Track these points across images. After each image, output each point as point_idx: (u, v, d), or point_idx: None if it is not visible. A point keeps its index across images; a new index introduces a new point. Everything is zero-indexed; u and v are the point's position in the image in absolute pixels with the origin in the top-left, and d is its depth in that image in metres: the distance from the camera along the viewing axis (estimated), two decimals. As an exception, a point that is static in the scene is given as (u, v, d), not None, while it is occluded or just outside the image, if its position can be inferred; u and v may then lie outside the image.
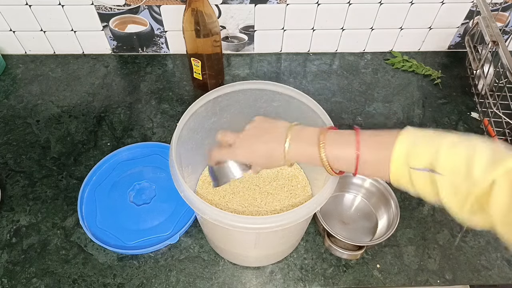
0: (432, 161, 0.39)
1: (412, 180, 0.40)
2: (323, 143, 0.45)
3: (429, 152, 0.39)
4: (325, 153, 0.45)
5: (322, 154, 0.45)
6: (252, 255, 0.62)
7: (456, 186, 0.37)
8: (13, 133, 0.82)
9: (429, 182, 0.39)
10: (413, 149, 0.40)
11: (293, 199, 0.67)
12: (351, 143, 0.44)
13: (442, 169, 0.38)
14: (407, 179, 0.41)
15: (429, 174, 0.39)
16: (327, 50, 1.00)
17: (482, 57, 0.81)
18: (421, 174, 0.39)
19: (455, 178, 0.37)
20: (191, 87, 0.91)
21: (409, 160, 0.40)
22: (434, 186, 0.39)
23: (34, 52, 0.97)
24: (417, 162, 0.40)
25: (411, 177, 0.40)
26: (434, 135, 0.40)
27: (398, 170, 0.41)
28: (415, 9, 0.90)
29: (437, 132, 0.41)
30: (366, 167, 0.44)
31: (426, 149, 0.40)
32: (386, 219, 0.67)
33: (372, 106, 0.89)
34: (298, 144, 0.48)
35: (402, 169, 0.41)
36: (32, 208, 0.71)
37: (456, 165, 0.37)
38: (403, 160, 0.41)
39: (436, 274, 0.64)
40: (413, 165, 0.40)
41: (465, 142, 0.38)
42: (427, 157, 0.39)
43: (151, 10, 0.88)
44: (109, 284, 0.62)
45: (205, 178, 0.69)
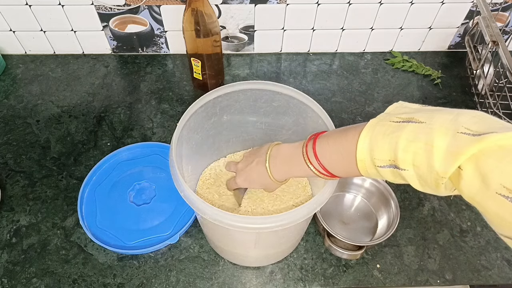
0: (393, 158, 0.39)
1: (382, 176, 0.41)
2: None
3: (388, 150, 0.39)
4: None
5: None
6: (252, 255, 0.62)
7: (423, 178, 0.37)
8: (13, 133, 0.82)
9: (398, 175, 0.39)
10: (375, 148, 0.40)
11: (293, 199, 0.67)
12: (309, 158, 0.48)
13: (403, 164, 0.38)
14: (378, 175, 0.42)
15: (394, 170, 0.39)
16: (327, 50, 1.00)
17: (482, 57, 0.81)
18: (387, 170, 0.40)
19: (419, 171, 0.37)
20: (191, 87, 0.91)
21: (373, 160, 0.41)
22: (404, 179, 0.39)
23: (34, 52, 0.97)
24: (380, 161, 0.40)
25: (380, 174, 0.41)
26: (396, 127, 0.39)
27: (366, 169, 0.42)
28: (415, 9, 0.90)
29: (401, 118, 0.40)
30: (337, 172, 0.47)
31: (385, 147, 0.39)
32: (386, 219, 0.67)
33: (372, 106, 0.89)
34: (274, 162, 0.53)
35: (369, 167, 0.42)
36: (32, 208, 0.71)
37: (416, 159, 0.37)
38: (369, 162, 0.41)
39: (436, 274, 0.64)
40: (378, 164, 0.40)
41: (425, 130, 0.37)
42: (388, 154, 0.39)
43: (151, 10, 0.88)
44: (109, 284, 0.62)
45: (205, 178, 0.69)
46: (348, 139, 0.43)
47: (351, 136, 0.43)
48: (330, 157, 0.46)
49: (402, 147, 0.37)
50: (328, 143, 0.46)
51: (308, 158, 0.48)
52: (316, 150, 0.47)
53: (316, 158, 0.47)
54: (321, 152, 0.47)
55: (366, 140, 0.41)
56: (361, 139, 0.41)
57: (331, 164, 0.46)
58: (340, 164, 0.45)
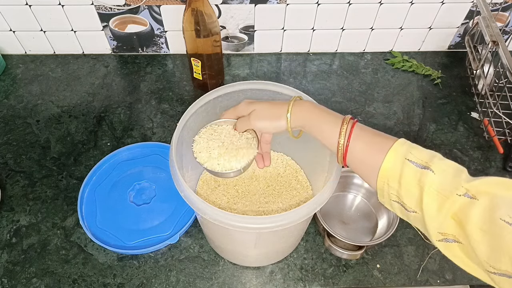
0: (428, 160, 0.40)
1: (401, 175, 0.41)
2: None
3: (426, 154, 0.41)
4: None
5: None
6: (252, 255, 0.62)
7: (442, 185, 0.39)
8: (13, 133, 0.82)
9: (417, 180, 0.40)
10: (412, 148, 0.42)
11: (293, 199, 0.67)
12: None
13: (435, 168, 0.39)
14: (397, 173, 0.41)
15: (420, 171, 0.40)
16: (327, 50, 1.00)
17: (482, 57, 0.81)
18: (414, 169, 0.40)
19: (444, 177, 0.39)
20: (191, 87, 0.91)
21: (406, 154, 0.41)
22: (420, 185, 0.40)
23: (34, 52, 0.97)
24: (414, 158, 0.41)
25: (403, 171, 0.41)
26: (426, 149, 0.43)
27: (392, 161, 0.42)
28: (415, 9, 0.90)
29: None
30: (356, 158, 0.46)
31: (424, 151, 0.42)
32: (386, 219, 0.67)
33: (372, 106, 0.89)
34: (299, 108, 0.50)
35: (397, 160, 0.42)
36: (32, 208, 0.71)
37: (447, 169, 0.40)
38: (400, 153, 0.42)
39: (436, 274, 0.64)
40: (410, 158, 0.41)
41: None
42: (424, 157, 0.41)
43: (151, 10, 0.88)
44: (109, 284, 0.62)
45: (205, 178, 0.69)
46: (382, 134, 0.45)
47: (385, 134, 0.45)
48: (358, 152, 0.45)
49: (439, 158, 0.41)
50: (363, 139, 0.45)
51: (341, 132, 0.46)
52: (352, 133, 0.46)
53: (348, 139, 0.45)
54: (354, 140, 0.45)
55: (404, 141, 0.43)
56: (399, 140, 0.43)
57: (355, 157, 0.46)
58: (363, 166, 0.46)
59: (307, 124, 0.50)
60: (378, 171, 0.43)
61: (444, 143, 0.82)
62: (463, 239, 0.37)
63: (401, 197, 0.42)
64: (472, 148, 0.81)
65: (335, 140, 0.46)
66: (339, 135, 0.46)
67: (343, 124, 0.46)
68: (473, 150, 0.81)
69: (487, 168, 0.78)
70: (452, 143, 0.82)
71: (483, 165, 0.78)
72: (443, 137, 0.83)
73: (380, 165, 0.42)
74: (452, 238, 0.38)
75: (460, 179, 0.38)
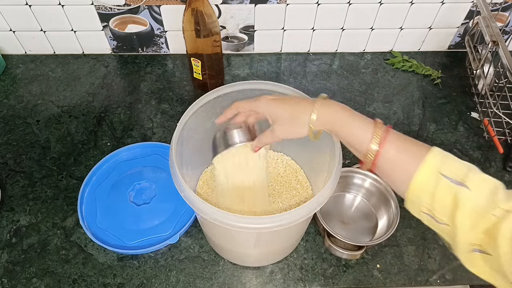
0: (463, 176, 0.39)
1: (435, 190, 0.40)
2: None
3: (461, 168, 0.40)
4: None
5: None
6: (252, 254, 0.62)
7: (477, 204, 0.38)
8: (13, 133, 0.82)
9: (452, 196, 0.39)
10: (446, 161, 0.40)
11: (293, 199, 0.67)
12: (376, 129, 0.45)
13: (471, 185, 0.38)
14: (431, 188, 0.40)
15: (456, 187, 0.39)
16: (327, 50, 1.00)
17: (482, 57, 0.81)
18: (448, 185, 0.39)
19: (480, 195, 0.38)
20: (191, 87, 0.91)
21: (441, 168, 0.40)
22: (455, 201, 0.39)
23: (34, 52, 0.97)
24: (449, 172, 0.39)
25: (437, 186, 0.40)
26: (462, 160, 0.41)
27: (426, 175, 0.40)
28: (415, 9, 0.90)
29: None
30: (386, 166, 0.44)
31: (458, 165, 0.40)
32: (386, 219, 0.67)
33: (372, 106, 0.89)
34: (327, 108, 0.47)
35: (431, 174, 0.40)
36: (32, 208, 0.71)
37: (484, 186, 0.38)
38: (435, 167, 0.40)
39: (436, 274, 0.64)
40: (445, 173, 0.39)
41: None
42: (460, 171, 0.39)
43: (151, 10, 0.88)
44: (109, 284, 0.62)
45: (205, 178, 0.69)
46: (417, 142, 0.44)
47: (419, 142, 0.44)
48: (389, 160, 0.43)
49: (476, 171, 0.40)
50: (395, 146, 0.43)
51: (373, 137, 0.44)
52: (386, 139, 0.43)
53: (380, 145, 0.43)
54: (386, 147, 0.43)
55: (439, 151, 0.42)
56: (433, 148, 0.42)
57: (386, 165, 0.44)
58: (394, 174, 0.44)
59: (334, 128, 0.47)
60: (409, 182, 0.41)
61: (444, 143, 0.82)
62: (492, 250, 0.37)
63: (433, 211, 0.40)
64: (472, 148, 0.81)
65: (366, 145, 0.44)
66: (371, 140, 0.43)
67: (375, 128, 0.44)
68: (473, 150, 0.81)
69: (487, 168, 0.78)
70: (452, 143, 0.82)
71: (483, 165, 0.78)
72: (443, 137, 0.83)
73: (412, 176, 0.41)
74: (479, 249, 0.38)
75: (497, 198, 0.37)
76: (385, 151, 0.43)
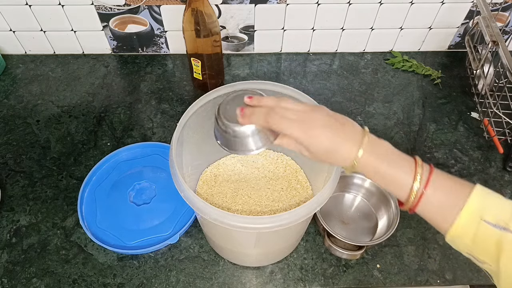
0: (508, 220, 0.38)
1: (476, 235, 0.39)
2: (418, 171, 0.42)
3: (505, 210, 0.39)
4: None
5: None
6: (252, 254, 0.62)
7: None
8: (13, 133, 0.82)
9: (495, 241, 0.38)
10: (488, 204, 0.39)
11: (293, 199, 0.67)
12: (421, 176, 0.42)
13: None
14: (471, 232, 0.39)
15: (500, 232, 0.38)
16: (327, 50, 1.00)
17: (482, 57, 0.81)
18: (490, 230, 0.38)
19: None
20: (191, 87, 0.91)
21: (483, 213, 0.39)
22: (498, 246, 0.38)
23: (34, 52, 0.97)
24: (491, 217, 0.38)
25: (478, 231, 0.39)
26: (506, 199, 0.40)
27: (467, 220, 0.39)
28: (415, 9, 0.90)
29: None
30: (428, 207, 0.42)
31: (502, 206, 0.39)
32: (386, 219, 0.67)
33: (372, 106, 0.89)
34: (375, 147, 0.43)
35: (472, 220, 0.39)
36: (32, 208, 0.71)
37: None
38: (476, 211, 0.39)
39: (436, 274, 0.64)
40: (486, 218, 0.38)
41: None
42: (504, 215, 0.38)
43: (151, 10, 0.88)
44: (109, 284, 0.62)
45: (205, 178, 0.69)
46: (457, 183, 0.42)
47: (460, 183, 0.42)
48: (433, 202, 0.41)
49: None
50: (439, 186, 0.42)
51: (416, 176, 0.42)
52: (430, 179, 0.41)
53: (425, 186, 0.41)
54: (430, 187, 0.41)
55: (481, 193, 0.40)
56: (476, 189, 0.40)
57: (429, 206, 0.42)
58: (436, 216, 0.42)
59: (377, 168, 0.43)
60: (451, 224, 0.40)
61: (444, 143, 0.82)
62: None
63: (474, 253, 0.40)
64: (472, 148, 0.81)
65: (408, 186, 0.42)
66: (414, 180, 0.41)
67: (417, 167, 0.42)
68: (473, 150, 0.81)
69: (487, 168, 0.78)
70: (452, 143, 0.82)
71: (483, 165, 0.78)
72: (443, 137, 0.83)
73: (454, 218, 0.40)
74: None
75: None
76: (428, 193, 0.41)
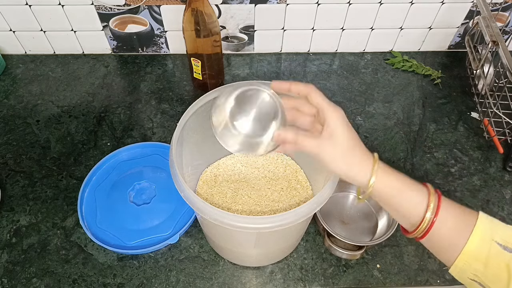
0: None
1: (489, 257, 0.39)
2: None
3: (511, 235, 0.39)
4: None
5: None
6: (252, 255, 0.62)
7: None
8: (13, 133, 0.82)
9: (505, 265, 0.38)
10: (495, 227, 0.40)
11: (293, 199, 0.67)
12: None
13: None
14: (484, 255, 0.39)
15: (509, 256, 0.38)
16: (327, 50, 1.00)
17: (482, 57, 0.81)
18: (501, 252, 0.38)
19: None
20: (191, 87, 0.91)
21: (493, 235, 0.39)
22: (508, 270, 0.38)
23: (34, 52, 0.97)
24: (500, 239, 0.39)
25: (490, 254, 0.39)
26: (508, 225, 0.41)
27: (478, 242, 0.39)
28: (415, 9, 0.90)
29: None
30: (437, 235, 0.42)
31: (508, 231, 0.39)
32: (386, 219, 0.67)
33: (372, 106, 0.89)
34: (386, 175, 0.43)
35: (484, 241, 0.39)
36: (32, 208, 0.71)
37: None
38: (487, 233, 0.39)
39: (436, 274, 0.64)
40: (497, 240, 0.39)
41: None
42: (510, 239, 0.39)
43: (151, 10, 0.88)
44: (109, 284, 0.62)
45: (205, 178, 0.69)
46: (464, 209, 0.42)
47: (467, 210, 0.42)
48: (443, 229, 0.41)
49: None
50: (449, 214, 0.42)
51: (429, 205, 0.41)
52: (440, 206, 0.41)
53: (435, 214, 0.41)
54: (441, 216, 0.41)
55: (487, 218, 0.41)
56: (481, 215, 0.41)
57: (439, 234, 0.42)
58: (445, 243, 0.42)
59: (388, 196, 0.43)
60: (460, 251, 0.40)
61: (444, 143, 0.82)
62: None
63: (485, 279, 0.39)
64: (472, 148, 0.81)
65: (421, 214, 0.41)
66: (427, 208, 0.41)
67: (430, 196, 0.42)
68: (473, 150, 0.81)
69: (487, 168, 0.78)
70: (452, 143, 0.82)
71: (483, 165, 0.78)
72: (443, 137, 0.83)
73: (463, 244, 0.40)
74: None
75: None
76: (440, 222, 0.41)
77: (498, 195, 0.74)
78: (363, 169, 0.42)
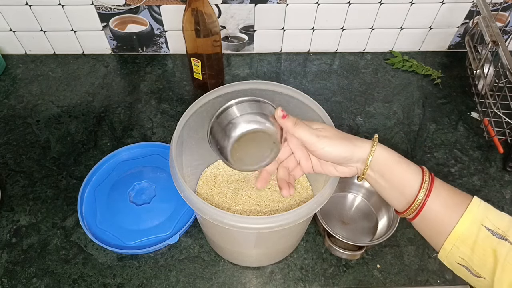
0: (506, 230, 0.38)
1: (476, 242, 0.39)
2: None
3: (503, 220, 0.39)
4: None
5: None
6: (252, 255, 0.62)
7: None
8: (13, 133, 0.82)
9: (493, 249, 0.38)
10: (487, 212, 0.40)
11: (293, 199, 0.67)
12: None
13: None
14: (471, 239, 0.39)
15: (497, 241, 0.38)
16: (327, 50, 1.00)
17: (482, 57, 0.81)
18: (490, 237, 0.38)
19: None
20: (191, 87, 0.91)
21: (484, 220, 0.39)
22: (495, 255, 0.38)
23: (34, 52, 0.97)
24: (490, 224, 0.39)
25: (478, 238, 0.39)
26: (502, 212, 0.41)
27: (468, 225, 0.40)
28: (415, 9, 0.90)
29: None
30: (428, 217, 0.42)
31: (500, 217, 0.40)
32: (386, 219, 0.67)
33: (372, 106, 0.89)
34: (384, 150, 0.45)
35: (473, 225, 0.40)
36: (32, 208, 0.71)
37: None
38: (478, 217, 0.40)
39: (436, 274, 0.64)
40: (487, 225, 0.39)
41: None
42: (501, 224, 0.39)
43: (151, 10, 0.88)
44: (109, 284, 0.62)
45: (205, 178, 0.69)
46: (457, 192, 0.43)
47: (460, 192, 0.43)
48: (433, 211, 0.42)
49: None
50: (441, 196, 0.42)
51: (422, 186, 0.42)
52: (432, 187, 0.42)
53: (427, 195, 0.42)
54: (432, 197, 0.42)
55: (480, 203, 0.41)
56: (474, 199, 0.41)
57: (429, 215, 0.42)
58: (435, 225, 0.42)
59: (386, 171, 0.44)
60: (449, 233, 0.40)
61: (444, 143, 0.82)
62: None
63: (471, 263, 0.40)
64: (472, 148, 0.81)
65: (414, 193, 0.43)
66: (420, 189, 0.42)
67: (425, 176, 0.42)
68: (473, 150, 0.81)
69: (487, 168, 0.78)
70: (452, 143, 0.82)
71: (483, 165, 0.78)
72: (443, 137, 0.83)
73: (453, 226, 0.40)
74: None
75: None
76: (430, 203, 0.42)
77: (498, 195, 0.74)
78: (363, 145, 0.45)
